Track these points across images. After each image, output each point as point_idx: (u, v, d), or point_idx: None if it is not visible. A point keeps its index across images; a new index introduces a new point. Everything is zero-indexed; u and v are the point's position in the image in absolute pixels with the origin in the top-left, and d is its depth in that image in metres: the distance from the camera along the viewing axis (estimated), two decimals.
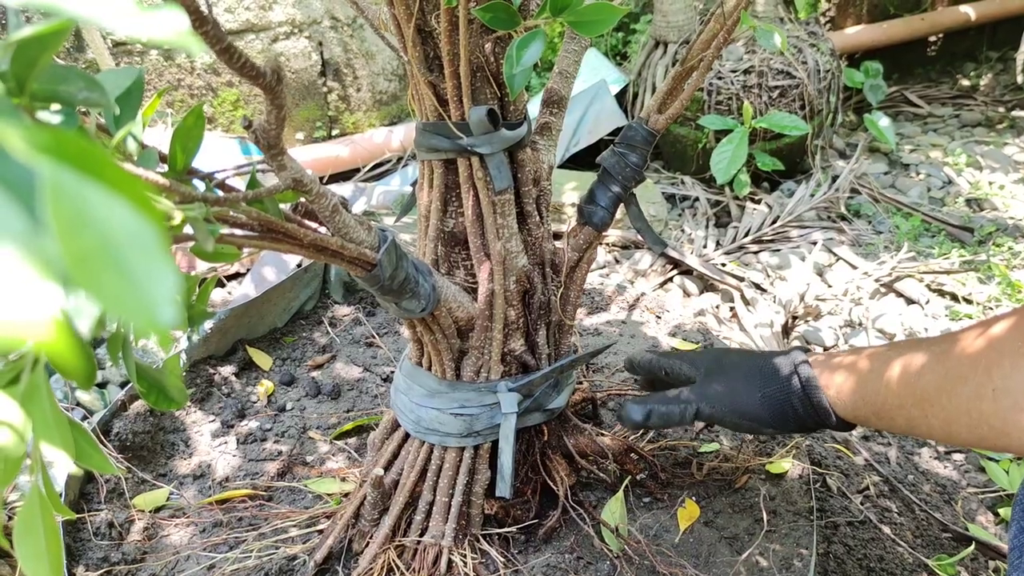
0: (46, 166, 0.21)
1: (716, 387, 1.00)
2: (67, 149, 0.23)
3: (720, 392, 0.99)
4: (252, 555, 1.03)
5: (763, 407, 0.96)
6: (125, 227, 0.22)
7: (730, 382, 1.00)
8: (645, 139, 0.98)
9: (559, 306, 1.03)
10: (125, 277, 0.21)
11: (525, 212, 0.97)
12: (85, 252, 0.21)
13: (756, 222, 2.41)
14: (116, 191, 0.22)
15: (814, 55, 2.56)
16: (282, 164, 0.70)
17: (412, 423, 1.00)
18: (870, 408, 0.89)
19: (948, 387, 0.80)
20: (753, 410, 0.97)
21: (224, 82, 2.54)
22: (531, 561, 1.03)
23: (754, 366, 1.00)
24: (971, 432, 0.79)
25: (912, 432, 0.87)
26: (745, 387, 0.98)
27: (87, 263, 0.21)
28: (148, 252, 0.22)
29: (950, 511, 1.40)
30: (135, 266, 0.21)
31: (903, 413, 0.85)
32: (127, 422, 1.18)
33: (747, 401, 0.97)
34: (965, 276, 2.13)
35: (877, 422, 0.90)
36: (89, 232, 0.21)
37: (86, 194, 0.22)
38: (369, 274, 0.82)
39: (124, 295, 0.21)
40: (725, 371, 1.02)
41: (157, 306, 0.21)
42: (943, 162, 2.81)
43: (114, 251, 0.21)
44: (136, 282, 0.21)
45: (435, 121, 0.90)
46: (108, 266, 0.21)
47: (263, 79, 0.60)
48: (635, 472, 1.12)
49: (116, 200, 0.22)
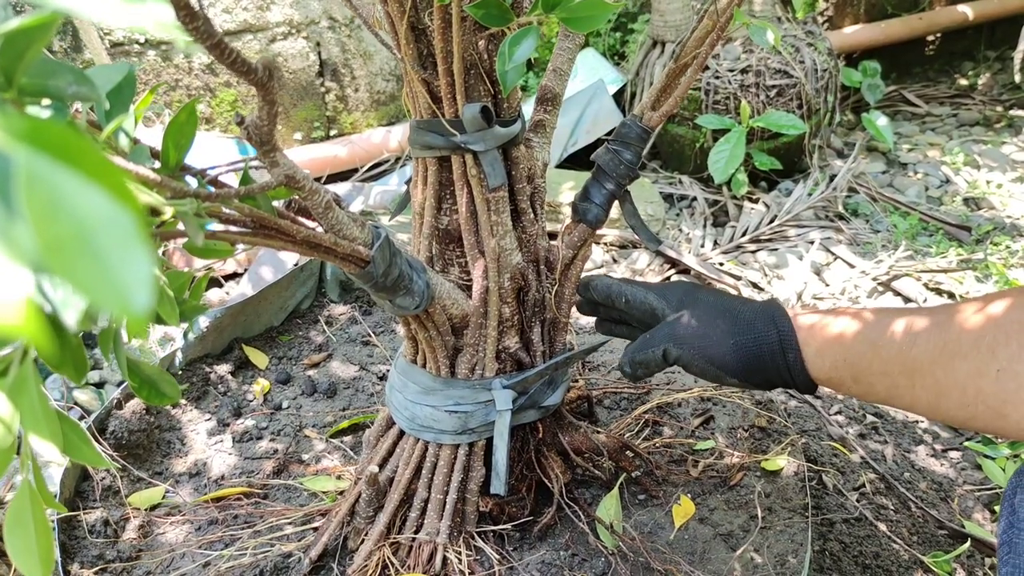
0: (22, 153, 0.22)
1: (686, 327, 0.92)
2: (46, 137, 0.23)
3: (690, 333, 0.91)
4: (247, 552, 1.03)
5: (734, 355, 0.89)
6: (100, 213, 0.22)
7: (701, 324, 0.92)
8: (639, 136, 0.98)
9: (554, 303, 1.03)
10: (99, 263, 0.21)
11: (519, 209, 0.97)
12: (59, 238, 0.21)
13: (754, 221, 2.41)
14: (94, 178, 0.22)
15: (811, 54, 2.56)
16: (274, 161, 0.70)
17: (407, 420, 1.01)
18: (849, 371, 0.83)
19: (944, 360, 0.76)
20: (722, 357, 0.89)
21: (222, 82, 2.54)
22: (526, 558, 1.03)
23: (729, 310, 0.92)
24: (962, 409, 0.76)
25: (890, 401, 0.82)
26: (717, 332, 0.90)
27: (61, 249, 0.21)
28: (123, 238, 0.22)
29: (946, 508, 1.41)
30: (109, 252, 0.21)
31: (886, 380, 0.80)
32: (122, 420, 1.18)
33: (718, 347, 0.90)
34: (963, 275, 2.13)
35: (852, 386, 0.84)
36: (63, 218, 0.21)
37: (61, 181, 0.22)
38: (363, 271, 0.82)
39: (98, 280, 0.21)
40: (697, 310, 0.93)
41: (131, 291, 0.21)
42: (941, 161, 2.81)
43: (89, 237, 0.21)
44: (110, 267, 0.21)
45: (429, 119, 0.90)
46: (82, 252, 0.21)
47: (254, 75, 0.60)
48: (630, 469, 1.12)
49: (92, 187, 0.22)
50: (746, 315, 0.91)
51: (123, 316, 0.22)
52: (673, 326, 0.92)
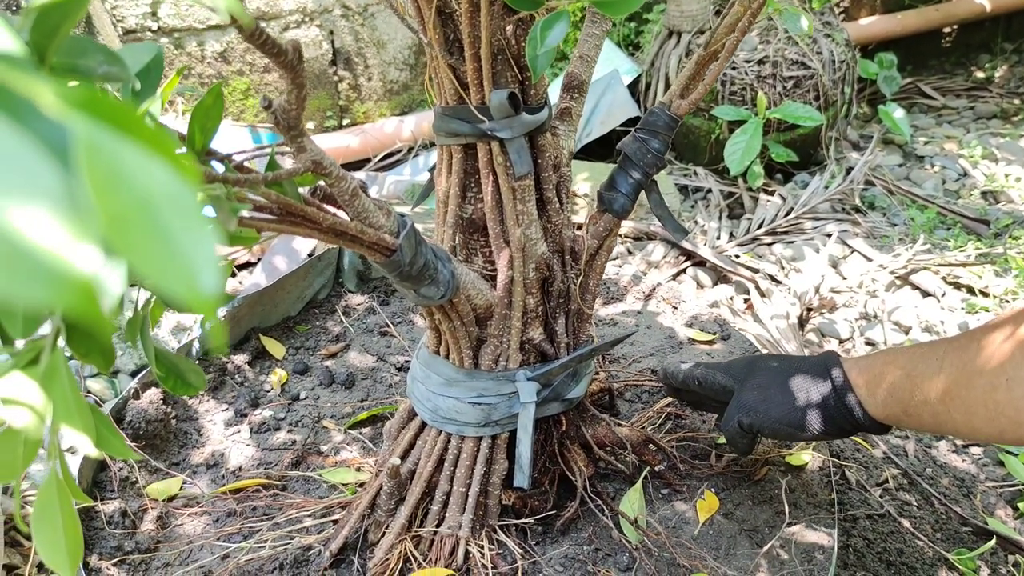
0: (80, 123, 0.20)
1: (751, 396, 0.99)
2: (99, 106, 0.21)
3: (756, 401, 0.98)
4: (266, 545, 1.02)
5: (798, 412, 0.95)
6: (164, 188, 0.20)
7: (764, 389, 0.98)
8: (667, 124, 0.96)
9: (578, 294, 1.02)
10: (165, 241, 0.20)
11: (545, 198, 0.96)
12: (122, 213, 0.20)
13: (770, 214, 2.39)
14: (150, 151, 0.21)
15: (829, 45, 2.53)
16: (302, 146, 0.69)
17: (429, 412, 0.99)
18: (900, 406, 0.88)
19: (966, 380, 0.80)
20: (789, 416, 0.96)
21: (234, 71, 2.53)
22: (549, 552, 1.02)
23: (787, 371, 0.99)
24: (990, 425, 0.79)
25: (939, 429, 0.86)
26: (779, 393, 0.97)
27: (124, 225, 0.20)
28: (188, 215, 0.20)
29: (969, 505, 1.39)
30: (175, 229, 0.20)
31: (928, 409, 0.85)
32: (140, 410, 1.17)
33: (781, 407, 0.96)
34: (981, 269, 2.10)
35: (907, 420, 0.89)
36: (126, 192, 0.20)
37: (122, 153, 0.20)
38: (388, 260, 0.81)
39: (165, 260, 0.20)
40: (758, 378, 1.01)
41: (199, 272, 0.20)
42: (958, 154, 2.78)
43: (153, 213, 0.20)
44: (177, 246, 0.20)
45: (455, 105, 0.88)
46: (147, 229, 0.20)
47: (284, 57, 0.59)
48: (654, 463, 1.10)
49: (153, 160, 0.21)
50: (802, 372, 0.97)
51: (190, 299, 0.20)
52: (739, 398, 1.00)
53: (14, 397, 0.38)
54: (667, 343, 1.45)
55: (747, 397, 0.99)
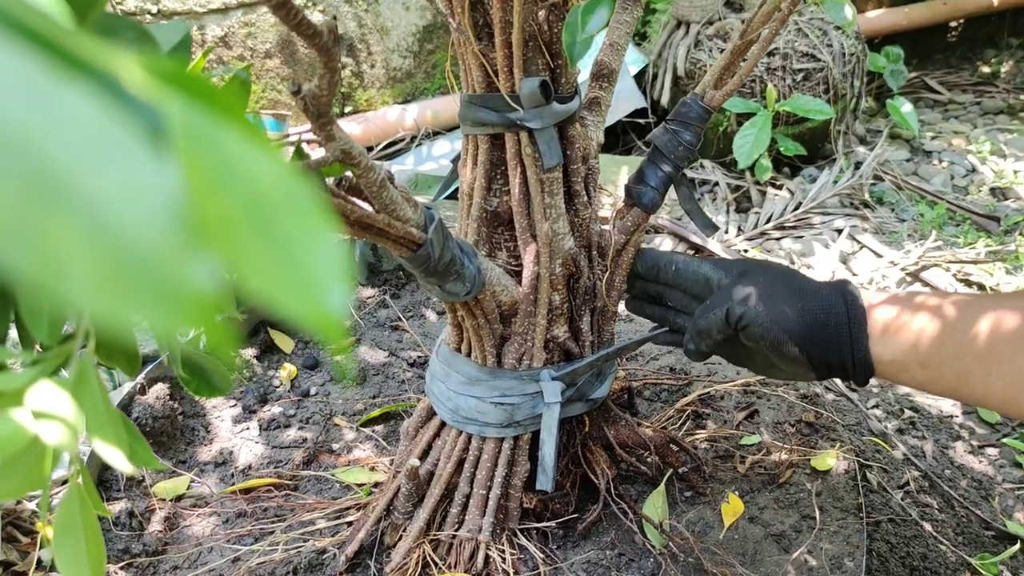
0: (176, 105, 0.16)
1: (750, 289, 0.83)
2: (194, 87, 0.17)
3: (755, 292, 0.83)
4: (279, 548, 0.98)
5: (799, 319, 0.80)
6: (275, 187, 0.17)
7: (767, 286, 0.83)
8: (700, 116, 0.93)
9: (604, 291, 0.98)
10: (281, 249, 0.16)
11: (573, 191, 0.92)
12: (228, 214, 0.16)
13: (778, 208, 2.36)
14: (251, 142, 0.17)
15: (839, 38, 2.50)
16: (331, 134, 0.65)
17: (449, 412, 0.96)
18: (917, 355, 0.76)
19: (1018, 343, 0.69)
20: (788, 320, 0.80)
21: (235, 56, 2.48)
22: (571, 557, 0.99)
23: (796, 278, 0.85)
24: None
25: (958, 391, 0.75)
26: (784, 294, 0.82)
27: (230, 228, 0.16)
28: (306, 219, 0.17)
29: (988, 507, 1.36)
30: (293, 235, 0.16)
31: (957, 366, 0.73)
32: (146, 407, 1.13)
33: (783, 308, 0.81)
34: (992, 266, 2.08)
35: (919, 372, 0.76)
36: (232, 190, 0.16)
37: (225, 143, 0.17)
38: (415, 254, 0.77)
39: (282, 271, 0.16)
40: (761, 275, 0.85)
41: (323, 286, 0.16)
42: (966, 150, 2.75)
43: (264, 215, 0.16)
44: (295, 255, 0.16)
45: (483, 93, 0.85)
46: (258, 233, 0.16)
47: (320, 39, 0.55)
48: (677, 465, 1.07)
49: (258, 152, 0.17)
50: (814, 285, 0.83)
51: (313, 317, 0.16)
52: (734, 287, 0.84)
53: (45, 409, 0.34)
54: None
55: (744, 290, 0.84)
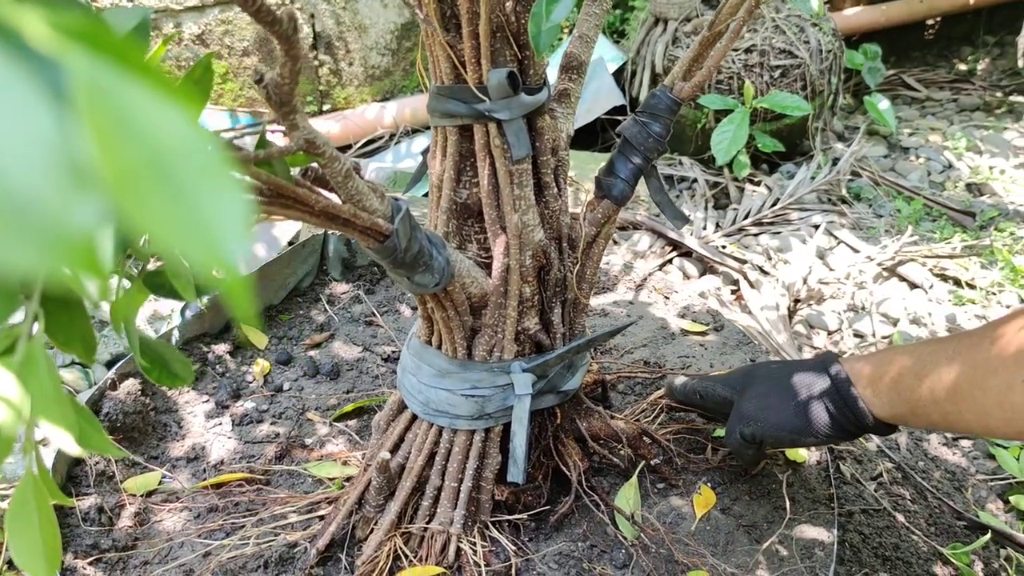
0: (79, 59, 0.16)
1: (750, 405, 0.96)
2: (101, 41, 0.17)
3: (755, 409, 0.96)
4: (250, 542, 0.98)
5: (798, 416, 0.92)
6: (180, 139, 0.17)
7: (762, 397, 0.96)
8: (669, 108, 0.93)
9: (575, 283, 0.98)
10: (183, 199, 0.16)
11: (543, 183, 0.92)
12: (131, 167, 0.16)
13: (756, 204, 2.37)
14: (160, 97, 0.17)
15: (816, 35, 2.51)
16: (294, 124, 0.65)
17: (420, 405, 0.96)
18: (906, 405, 0.85)
19: (979, 380, 0.77)
20: (789, 422, 0.92)
21: (211, 54, 2.47)
22: (543, 549, 0.99)
23: (785, 376, 0.96)
24: (1008, 426, 0.76)
25: (951, 428, 0.84)
26: (778, 400, 0.94)
27: (133, 180, 0.16)
28: (210, 170, 0.17)
29: (961, 498, 1.37)
30: (194, 186, 0.16)
31: (938, 409, 0.82)
32: (117, 402, 1.12)
33: (782, 413, 0.93)
34: (967, 261, 2.09)
35: (914, 420, 0.86)
36: (135, 143, 0.16)
37: (130, 97, 0.16)
38: (382, 245, 0.77)
39: (182, 219, 0.16)
40: (756, 386, 0.98)
41: (222, 235, 0.16)
42: (943, 146, 2.77)
43: (167, 167, 0.16)
44: (196, 205, 0.16)
45: (451, 85, 0.85)
46: (161, 184, 0.16)
47: (279, 26, 0.55)
48: (649, 457, 1.08)
49: (164, 106, 0.17)
50: (800, 375, 0.94)
51: (212, 265, 0.16)
52: (739, 408, 0.98)
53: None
54: (659, 334, 1.42)
55: (746, 407, 0.97)
